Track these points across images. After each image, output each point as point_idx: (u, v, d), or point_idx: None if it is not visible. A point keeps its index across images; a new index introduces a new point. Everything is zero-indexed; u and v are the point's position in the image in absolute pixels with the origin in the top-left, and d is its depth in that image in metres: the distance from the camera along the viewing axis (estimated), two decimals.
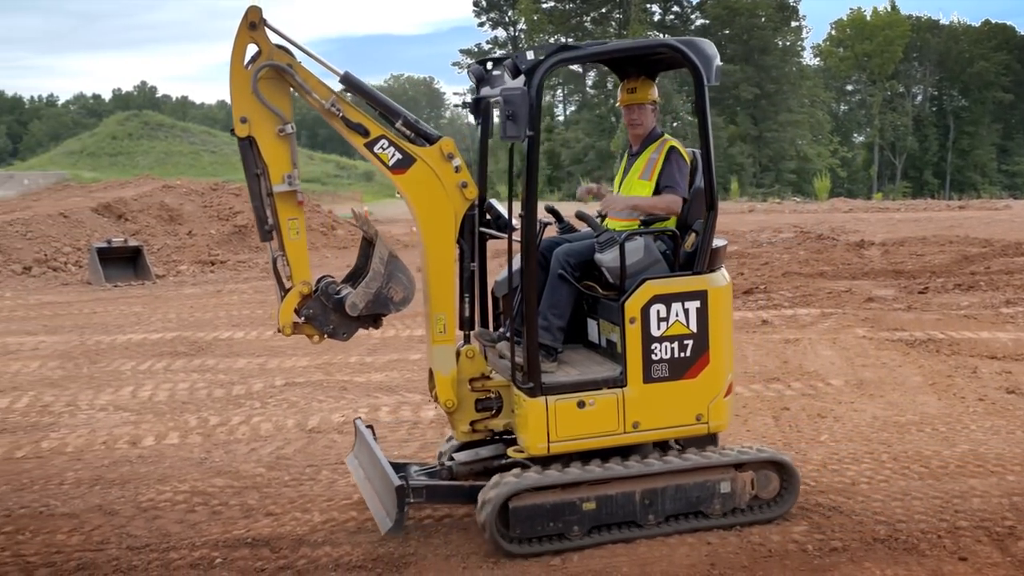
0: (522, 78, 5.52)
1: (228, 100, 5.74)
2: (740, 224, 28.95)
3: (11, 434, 8.84)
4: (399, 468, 6.28)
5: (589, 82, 76.82)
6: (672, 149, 6.33)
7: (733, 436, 8.08)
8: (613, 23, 74.42)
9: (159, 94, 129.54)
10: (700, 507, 5.98)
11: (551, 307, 6.13)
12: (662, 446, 6.25)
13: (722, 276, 6.05)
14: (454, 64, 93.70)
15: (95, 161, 71.91)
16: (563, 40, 68.97)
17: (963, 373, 10.17)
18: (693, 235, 6.07)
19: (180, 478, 7.37)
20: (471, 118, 6.74)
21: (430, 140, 5.78)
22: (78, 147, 76.31)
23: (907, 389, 9.58)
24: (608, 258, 5.96)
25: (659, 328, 5.83)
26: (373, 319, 5.94)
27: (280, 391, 10.12)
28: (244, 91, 5.56)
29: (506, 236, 5.99)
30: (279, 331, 5.90)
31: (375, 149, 5.72)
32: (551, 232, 6.64)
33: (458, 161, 5.81)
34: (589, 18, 75.43)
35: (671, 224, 6.21)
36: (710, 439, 6.36)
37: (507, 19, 79.49)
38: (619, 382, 5.84)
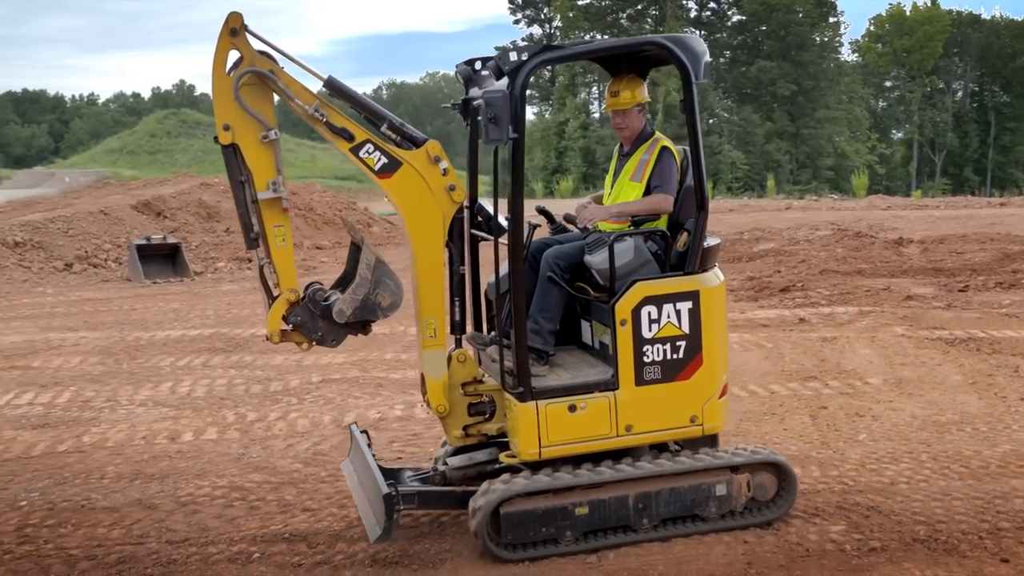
0: (506, 80, 5.47)
1: None
2: (777, 221, 28.75)
3: (53, 428, 8.97)
4: (393, 474, 6.27)
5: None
6: (664, 149, 6.23)
7: (770, 435, 8.04)
8: (649, 19, 74.13)
9: (197, 92, 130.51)
10: (695, 510, 5.87)
11: (541, 310, 6.07)
12: (660, 448, 6.19)
13: (715, 276, 5.95)
14: (487, 58, 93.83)
15: (134, 159, 72.72)
16: (597, 36, 68.44)
17: (1004, 372, 10.04)
18: (685, 235, 5.95)
19: (218, 473, 7.44)
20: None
21: (416, 143, 5.73)
22: (118, 145, 77.21)
23: (947, 388, 9.47)
24: (597, 260, 5.88)
25: (651, 330, 5.73)
26: (362, 325, 5.88)
27: (316, 387, 10.18)
28: (226, 98, 5.49)
29: (496, 239, 5.91)
30: (267, 339, 5.84)
31: (360, 154, 5.65)
32: (543, 233, 6.57)
33: (445, 164, 5.75)
34: (625, 15, 75.17)
35: (662, 224, 6.14)
36: (710, 440, 6.32)
37: (542, 16, 79.41)
38: (611, 385, 5.75)
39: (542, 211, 6.68)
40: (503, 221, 6.05)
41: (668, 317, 5.75)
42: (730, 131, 66.86)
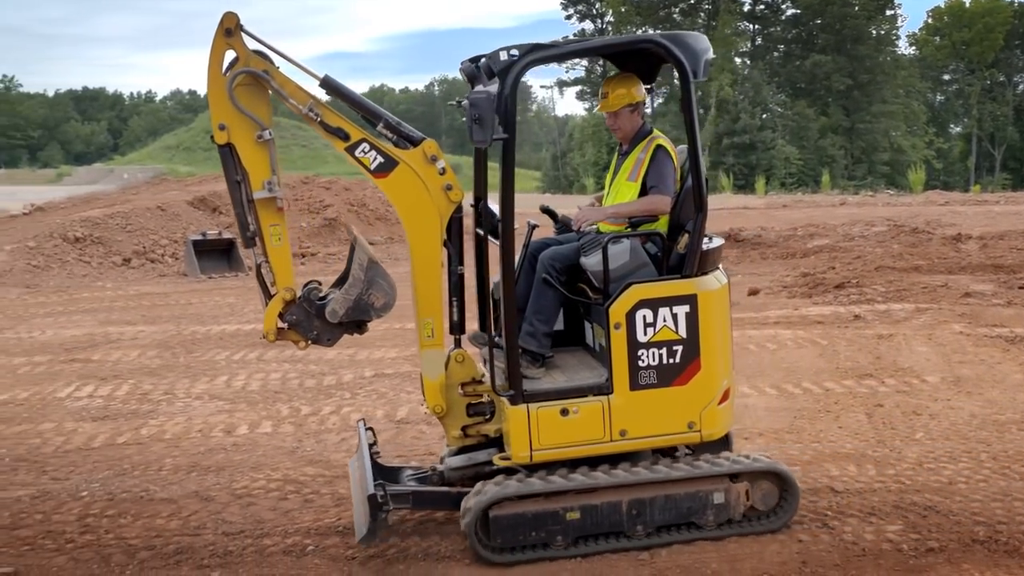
0: (497, 80, 5.43)
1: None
2: (831, 218, 28.40)
3: (113, 421, 9.13)
4: (393, 472, 6.27)
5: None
6: (659, 148, 6.10)
7: (825, 433, 7.96)
8: (702, 14, 73.53)
9: None
10: (692, 518, 5.75)
11: (536, 312, 6.00)
12: (664, 452, 6.03)
13: (714, 279, 5.80)
14: None
15: (190, 156, 73.70)
16: (651, 31, 68.22)
17: None
18: (686, 236, 5.80)
19: (273, 466, 7.52)
20: (557, 110, 6.67)
21: (413, 142, 5.72)
22: (174, 142, 78.34)
23: (1007, 387, 9.30)
24: (592, 261, 5.80)
25: (646, 334, 5.61)
26: (357, 325, 5.88)
27: (369, 382, 10.25)
28: (221, 98, 5.55)
29: (498, 240, 5.86)
30: (264, 337, 5.87)
31: (356, 153, 5.66)
32: (545, 233, 6.49)
33: (442, 163, 5.72)
34: (677, 9, 74.62)
35: (662, 225, 6.03)
36: (722, 443, 6.23)
37: (594, 11, 79.09)
38: (605, 389, 5.65)
39: (546, 210, 6.55)
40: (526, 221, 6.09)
41: (664, 321, 5.63)
42: (784, 126, 66.14)
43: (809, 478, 6.88)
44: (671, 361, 5.66)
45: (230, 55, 5.62)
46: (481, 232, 6.24)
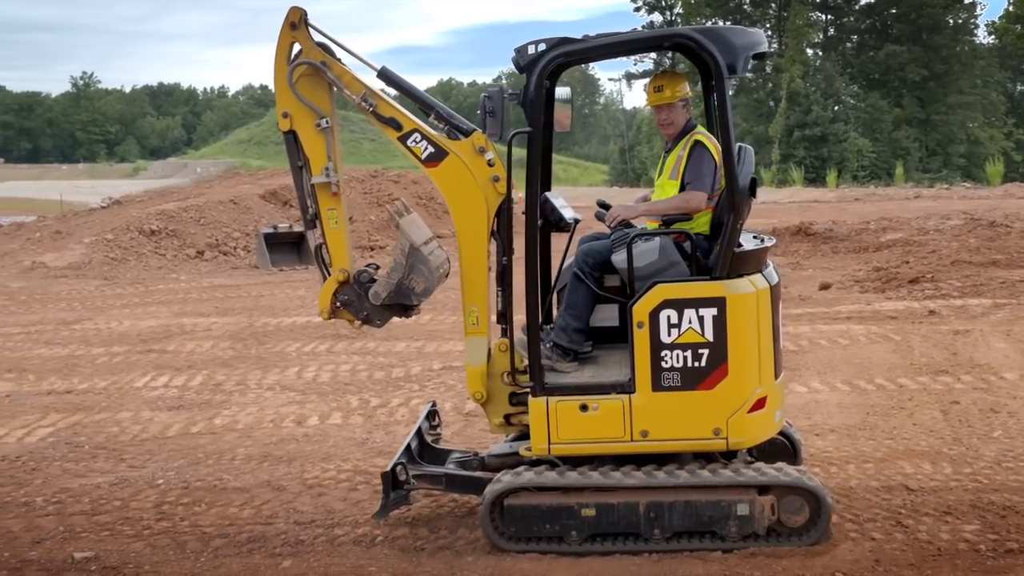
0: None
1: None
2: (905, 211, 27.86)
3: (187, 410, 9.31)
4: (442, 454, 6.37)
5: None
6: (696, 143, 5.98)
7: (899, 430, 7.82)
8: (773, 5, 72.53)
9: None
10: (713, 527, 5.55)
11: (568, 308, 5.99)
12: (709, 457, 5.77)
13: (748, 282, 5.56)
14: None
15: (262, 149, 74.78)
16: (717, 21, 67.18)
17: None
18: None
19: (343, 457, 7.61)
20: (625, 102, 6.63)
21: (464, 134, 5.79)
22: (246, 136, 79.55)
23: None
24: (620, 259, 5.75)
25: (670, 335, 5.47)
26: (404, 308, 6.02)
27: (438, 374, 10.31)
28: (284, 87, 5.85)
29: (569, 232, 6.02)
30: (320, 315, 6.11)
31: (408, 143, 5.82)
32: (593, 229, 6.44)
33: (491, 155, 5.77)
34: (748, 0, 73.71)
35: (702, 223, 5.89)
36: (790, 452, 6.20)
37: (663, 3, 78.44)
38: (627, 388, 5.56)
39: (602, 204, 6.46)
40: (570, 214, 6.07)
41: (690, 323, 5.47)
42: (856, 118, 64.96)
43: (882, 475, 6.78)
44: (696, 364, 5.49)
45: (297, 48, 5.87)
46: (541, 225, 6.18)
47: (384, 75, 5.94)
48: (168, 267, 20.85)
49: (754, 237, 6.08)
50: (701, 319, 5.47)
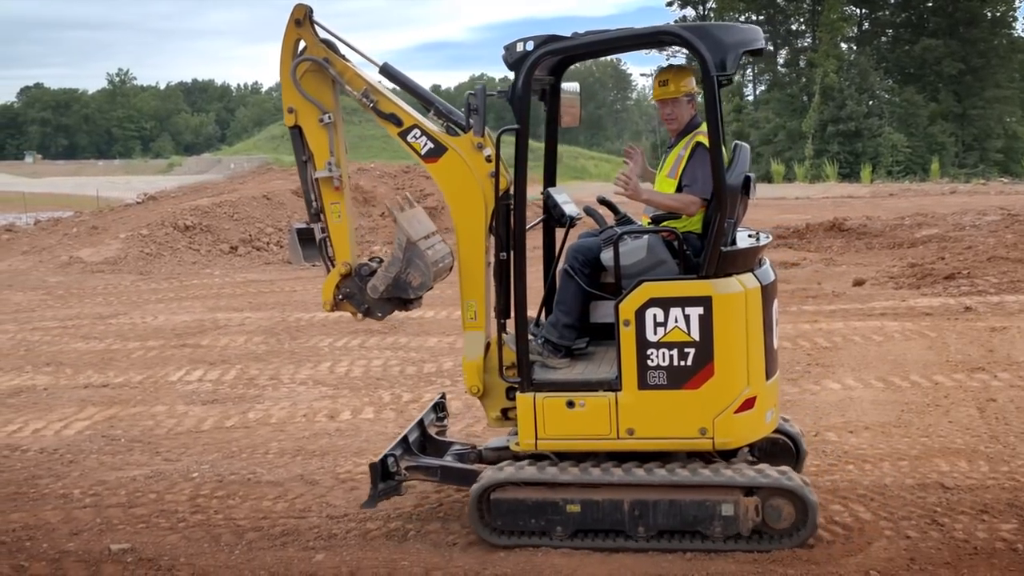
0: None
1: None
2: (940, 207, 27.59)
3: (221, 404, 9.39)
4: (443, 446, 6.46)
5: (780, 60, 74.66)
6: (698, 145, 5.90)
7: (934, 427, 7.75)
8: (807, 0, 71.98)
9: None
10: (698, 527, 5.52)
11: (558, 303, 6.02)
12: (708, 458, 5.77)
13: (736, 282, 5.51)
14: None
15: None
16: (751, 16, 66.53)
17: None
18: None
19: (376, 452, 7.61)
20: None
21: (463, 130, 5.83)
22: (280, 132, 79.74)
23: None
24: (607, 256, 5.75)
25: (656, 333, 5.46)
26: (403, 302, 6.10)
27: None
28: (288, 83, 5.97)
29: (567, 228, 6.09)
30: (323, 307, 6.22)
31: (408, 138, 5.90)
32: (585, 227, 6.41)
33: (489, 151, 5.79)
34: None
35: (695, 223, 5.83)
36: (790, 453, 6.25)
37: None
38: (613, 386, 5.57)
39: (604, 201, 6.40)
40: (572, 209, 6.08)
41: (676, 322, 5.46)
42: (891, 112, 64.36)
43: (917, 473, 6.73)
44: (682, 363, 5.48)
45: (303, 45, 5.99)
46: (544, 221, 6.32)
47: (386, 71, 6.04)
48: (202, 262, 21.03)
49: (749, 235, 6.00)
50: (687, 318, 5.46)
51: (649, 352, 5.49)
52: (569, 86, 6.32)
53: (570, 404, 5.61)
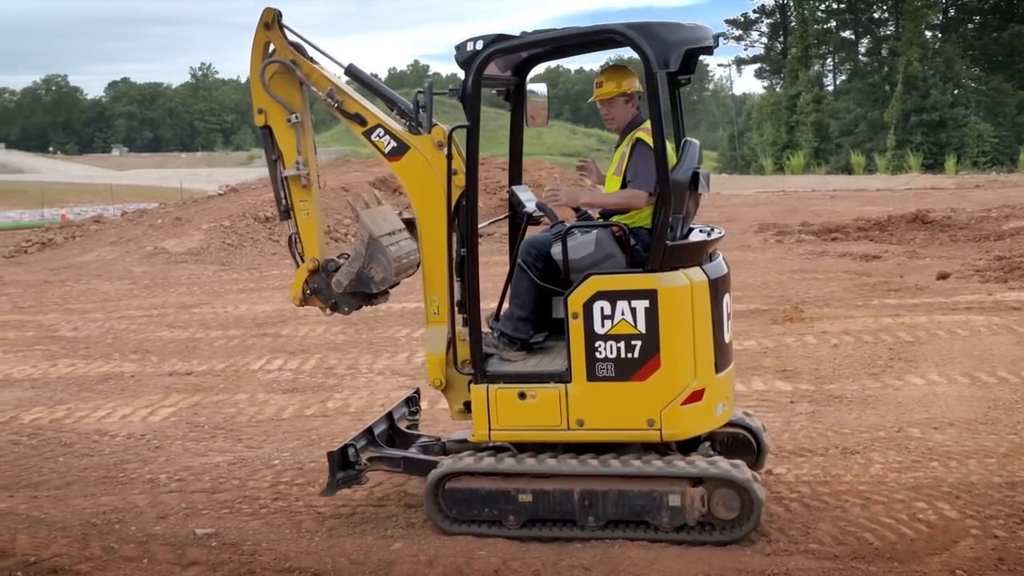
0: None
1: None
2: None
3: (301, 393, 9.53)
4: (410, 439, 6.62)
5: (862, 49, 73.24)
6: (638, 141, 5.93)
7: (992, 426, 7.54)
8: None
9: (431, 72, 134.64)
10: (646, 517, 5.57)
11: (512, 297, 6.13)
12: (663, 449, 5.80)
13: (683, 276, 5.55)
14: (719, 35, 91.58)
15: None
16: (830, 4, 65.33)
17: None
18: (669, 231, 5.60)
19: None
20: (735, 88, 6.60)
21: (425, 129, 5.91)
22: None
23: None
24: (557, 251, 5.82)
25: (603, 326, 5.53)
26: (367, 296, 6.29)
27: None
28: (257, 84, 6.16)
29: (524, 224, 6.25)
30: (293, 302, 6.40)
31: (372, 137, 6.05)
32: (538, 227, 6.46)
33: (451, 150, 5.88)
34: None
35: (644, 217, 5.85)
36: (750, 448, 6.32)
37: None
38: (563, 377, 5.65)
39: (541, 207, 6.38)
40: (533, 207, 6.19)
41: (622, 314, 5.52)
42: (978, 102, 62.72)
43: (1006, 471, 6.57)
44: (629, 356, 5.54)
45: (273, 48, 6.18)
46: (505, 217, 6.46)
47: (351, 72, 6.25)
48: (282, 253, 21.32)
49: (700, 230, 6.03)
50: (634, 311, 5.52)
51: (597, 344, 5.58)
52: (537, 87, 6.47)
53: (522, 395, 5.73)
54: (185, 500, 6.64)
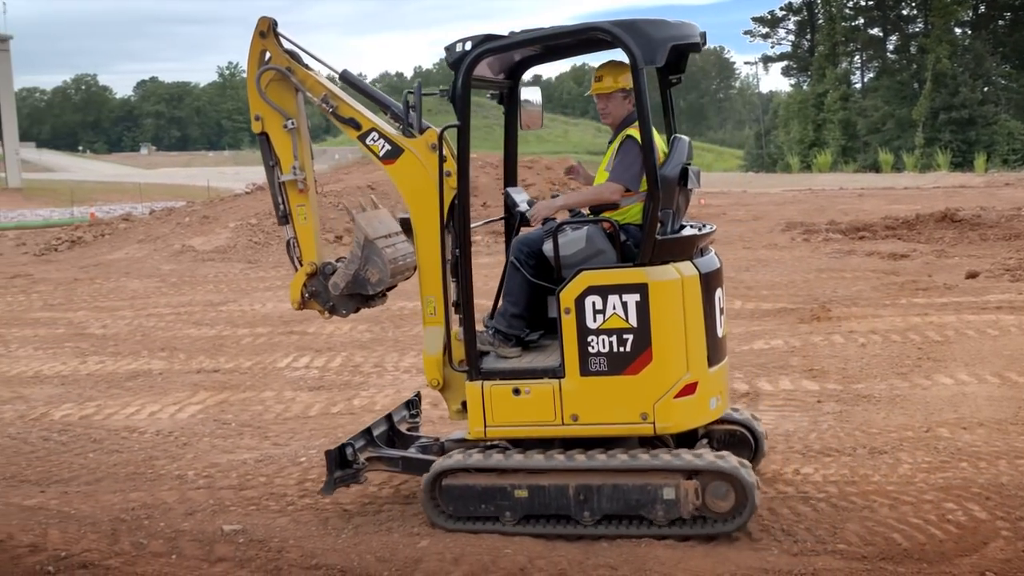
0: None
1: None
2: None
3: (327, 391, 9.57)
4: (410, 440, 6.66)
5: (890, 46, 72.69)
6: (627, 138, 5.95)
7: (1023, 426, 7.48)
8: None
9: None
10: (641, 511, 5.57)
11: (506, 295, 6.19)
12: (657, 444, 5.84)
13: (673, 270, 5.60)
14: (745, 33, 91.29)
15: None
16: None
17: None
18: (659, 226, 5.65)
19: None
20: (761, 86, 6.63)
21: (419, 132, 5.99)
22: None
23: None
24: (549, 248, 5.88)
25: (595, 320, 5.58)
26: (364, 299, 6.36)
27: None
28: (253, 92, 6.30)
29: (518, 224, 6.32)
30: (291, 305, 6.50)
31: (367, 141, 6.14)
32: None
33: (444, 151, 5.91)
34: None
35: (634, 213, 5.88)
36: (748, 444, 6.38)
37: None
38: (557, 373, 5.69)
39: (508, 197, 6.54)
40: (525, 207, 6.25)
41: (614, 309, 5.56)
42: (1008, 99, 62.13)
43: None
44: (621, 350, 5.58)
45: (269, 55, 6.30)
46: (497, 218, 6.54)
47: (345, 77, 6.38)
48: None
49: (691, 225, 6.09)
50: (625, 305, 5.57)
51: (590, 339, 5.62)
52: (530, 92, 6.52)
53: (516, 391, 5.76)
54: (213, 497, 6.68)
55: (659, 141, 5.93)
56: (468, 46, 5.74)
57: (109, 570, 5.52)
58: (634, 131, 5.94)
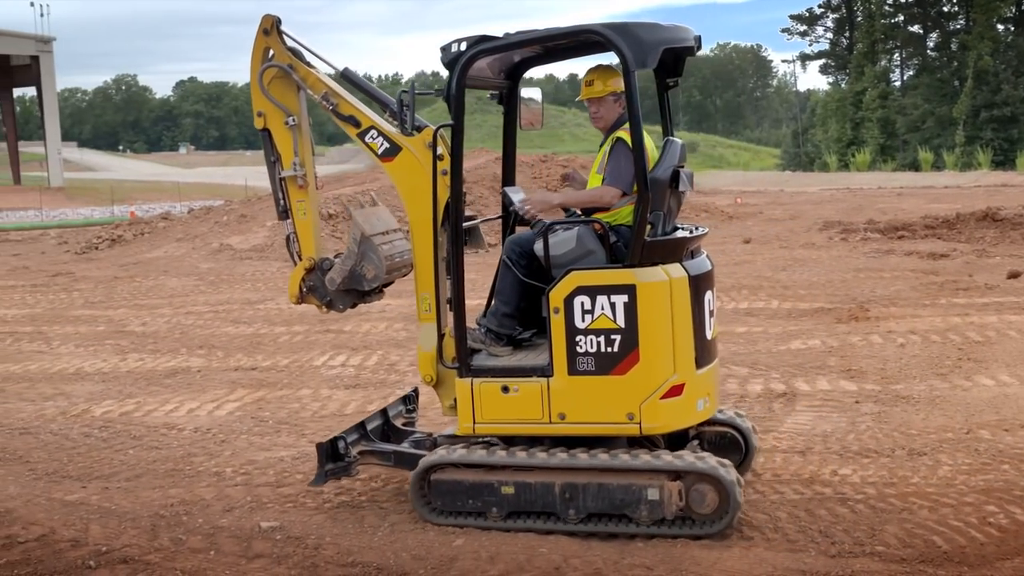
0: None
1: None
2: None
3: (363, 389, 9.62)
4: (404, 435, 6.80)
5: (930, 44, 71.89)
6: (618, 140, 5.99)
7: None
8: None
9: None
10: (625, 511, 5.59)
11: (497, 293, 6.24)
12: (649, 444, 5.87)
13: (661, 271, 5.62)
14: (783, 31, 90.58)
15: None
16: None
17: None
18: (648, 227, 5.67)
19: None
20: (799, 84, 6.61)
21: (417, 130, 6.01)
22: None
23: None
24: (539, 247, 5.91)
25: (583, 320, 5.62)
26: (361, 294, 6.45)
27: None
28: (256, 88, 6.37)
29: (514, 224, 6.39)
30: (290, 300, 6.58)
31: (366, 139, 6.21)
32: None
33: (440, 149, 5.98)
34: None
35: (624, 215, 5.91)
36: (738, 447, 6.35)
37: None
38: (545, 371, 5.73)
39: (505, 195, 6.55)
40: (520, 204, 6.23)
41: (602, 309, 5.59)
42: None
43: None
44: (609, 350, 5.61)
45: (272, 53, 6.38)
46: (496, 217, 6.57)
47: (345, 75, 6.45)
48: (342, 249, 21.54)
49: (684, 228, 6.13)
50: (613, 305, 5.60)
51: (578, 339, 5.65)
52: (530, 91, 6.63)
53: (505, 389, 5.81)
54: (250, 493, 6.74)
55: (649, 144, 5.96)
56: (463, 46, 5.80)
57: (149, 565, 5.58)
58: (624, 133, 5.98)
